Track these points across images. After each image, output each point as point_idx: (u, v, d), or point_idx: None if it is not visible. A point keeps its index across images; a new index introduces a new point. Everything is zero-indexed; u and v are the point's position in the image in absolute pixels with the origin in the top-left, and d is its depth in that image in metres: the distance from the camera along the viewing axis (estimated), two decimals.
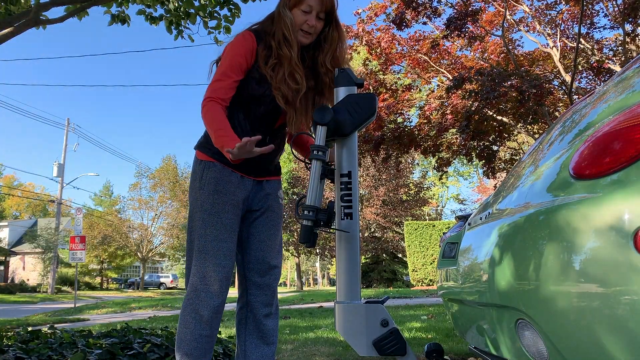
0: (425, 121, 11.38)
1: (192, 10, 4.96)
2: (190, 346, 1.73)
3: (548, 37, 11.26)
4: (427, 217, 32.21)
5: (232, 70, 1.74)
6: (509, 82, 8.94)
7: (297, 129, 1.87)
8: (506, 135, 11.16)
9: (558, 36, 10.99)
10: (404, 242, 22.21)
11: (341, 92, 1.75)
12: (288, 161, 33.17)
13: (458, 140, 10.91)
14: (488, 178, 12.23)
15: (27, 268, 33.78)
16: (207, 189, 1.76)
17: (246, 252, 1.88)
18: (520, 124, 10.68)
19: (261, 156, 1.67)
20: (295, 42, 1.77)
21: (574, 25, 11.04)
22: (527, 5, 11.49)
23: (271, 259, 1.88)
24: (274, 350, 1.88)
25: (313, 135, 1.77)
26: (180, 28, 5.11)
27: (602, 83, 9.64)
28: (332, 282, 55.71)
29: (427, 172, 32.18)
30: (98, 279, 38.03)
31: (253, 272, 1.87)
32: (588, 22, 10.92)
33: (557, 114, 10.55)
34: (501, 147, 12.62)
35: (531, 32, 12.02)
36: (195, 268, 1.75)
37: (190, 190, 1.83)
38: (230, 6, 4.98)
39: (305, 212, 1.60)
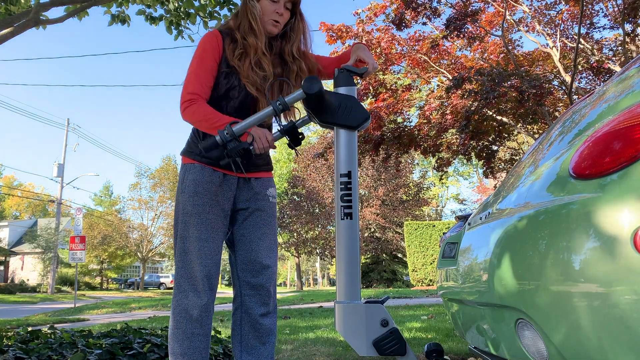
0: (425, 121, 11.36)
1: (192, 10, 4.97)
2: (184, 345, 1.73)
3: (548, 37, 11.26)
4: (427, 217, 32.21)
5: (203, 70, 1.78)
6: (508, 82, 8.92)
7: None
8: (506, 135, 11.15)
9: (558, 36, 10.98)
10: (404, 242, 22.21)
11: (341, 92, 1.74)
12: (288, 161, 33.18)
13: (458, 140, 10.90)
14: (487, 178, 12.21)
15: (27, 268, 33.76)
16: (187, 192, 1.79)
17: (237, 253, 1.88)
18: (520, 124, 10.68)
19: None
20: (261, 32, 1.83)
21: (574, 25, 11.03)
22: (526, 6, 11.49)
23: (263, 259, 1.86)
24: (270, 349, 1.86)
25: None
26: (180, 28, 5.12)
27: (602, 83, 9.63)
28: (332, 282, 55.71)
29: (427, 172, 32.19)
30: (98, 279, 38.00)
31: (245, 272, 1.86)
32: (588, 22, 10.92)
33: (557, 114, 10.55)
34: (501, 147, 12.61)
35: (531, 32, 12.01)
36: (180, 269, 1.78)
37: (176, 195, 1.87)
38: (230, 6, 4.99)
39: (226, 132, 1.56)
